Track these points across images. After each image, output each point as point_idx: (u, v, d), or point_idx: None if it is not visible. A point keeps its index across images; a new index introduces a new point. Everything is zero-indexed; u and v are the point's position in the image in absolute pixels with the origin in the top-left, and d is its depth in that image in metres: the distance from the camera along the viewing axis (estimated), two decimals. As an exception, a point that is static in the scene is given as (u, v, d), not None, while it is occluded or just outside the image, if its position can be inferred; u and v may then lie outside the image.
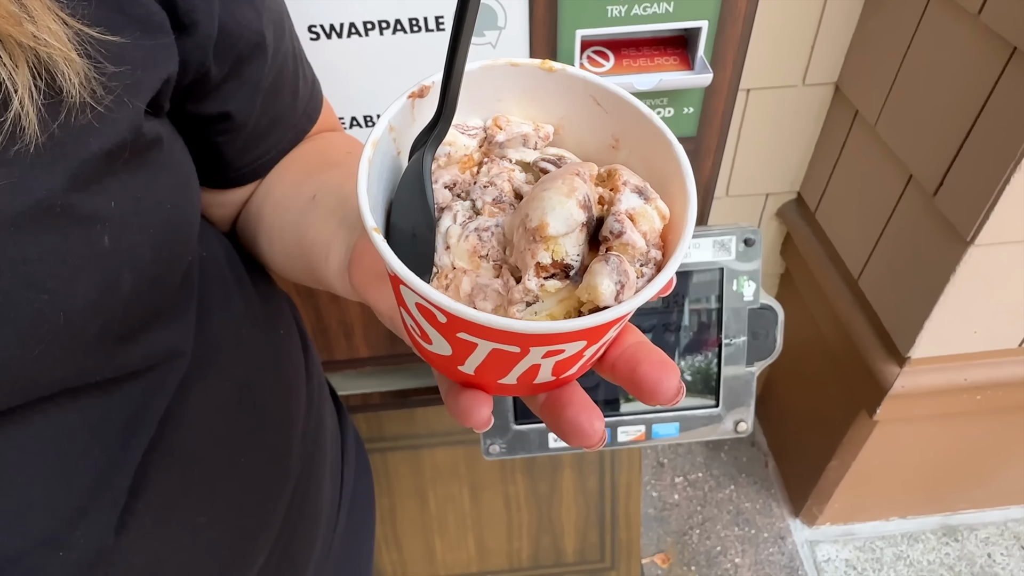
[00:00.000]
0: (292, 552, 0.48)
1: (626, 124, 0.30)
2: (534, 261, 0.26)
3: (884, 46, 0.98)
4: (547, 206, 0.26)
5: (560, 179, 0.26)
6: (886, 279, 1.06)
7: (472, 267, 0.28)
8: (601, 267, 0.25)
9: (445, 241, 0.28)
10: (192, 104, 0.37)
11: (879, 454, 1.23)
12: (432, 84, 0.29)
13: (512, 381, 0.29)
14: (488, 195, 0.29)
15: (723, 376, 0.77)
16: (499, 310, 0.27)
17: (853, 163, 1.11)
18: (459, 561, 1.27)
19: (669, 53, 0.65)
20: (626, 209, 0.27)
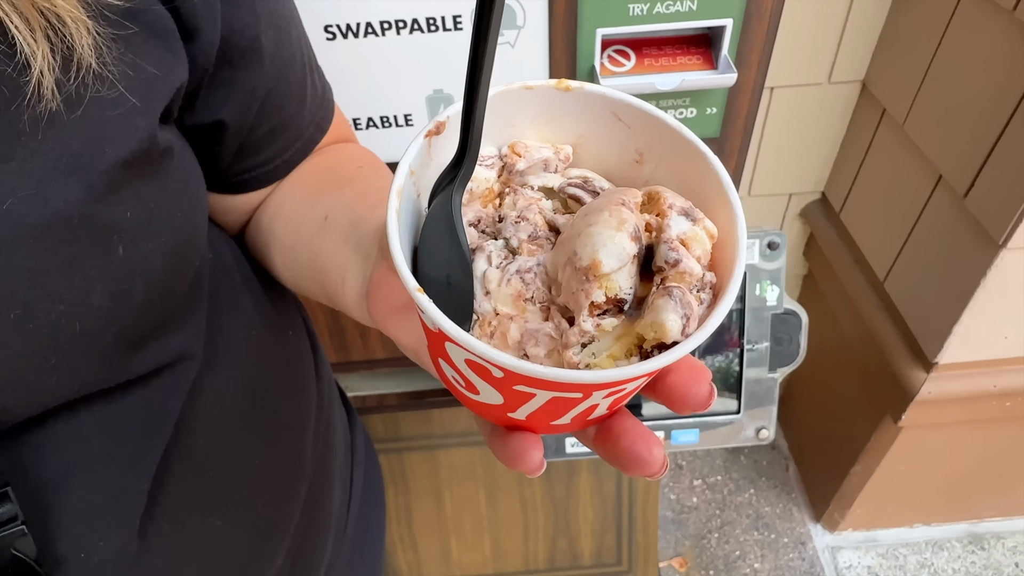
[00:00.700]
0: (305, 554, 0.48)
1: (651, 138, 0.29)
2: (588, 301, 0.25)
3: (914, 43, 0.96)
4: (597, 242, 0.24)
5: (606, 211, 0.25)
6: (914, 282, 1.04)
7: (518, 311, 0.27)
8: (665, 302, 0.24)
9: (483, 286, 0.27)
10: (185, 110, 0.36)
11: (904, 460, 1.20)
12: (447, 119, 0.28)
13: (566, 422, 0.28)
14: (522, 232, 0.28)
15: (745, 382, 0.75)
16: (553, 354, 0.26)
17: (880, 163, 1.08)
18: (475, 562, 1.26)
19: (692, 52, 0.63)
20: (677, 235, 0.25)
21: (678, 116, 0.66)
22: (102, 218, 0.28)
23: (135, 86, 0.29)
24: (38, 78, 0.26)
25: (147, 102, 0.30)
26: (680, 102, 0.65)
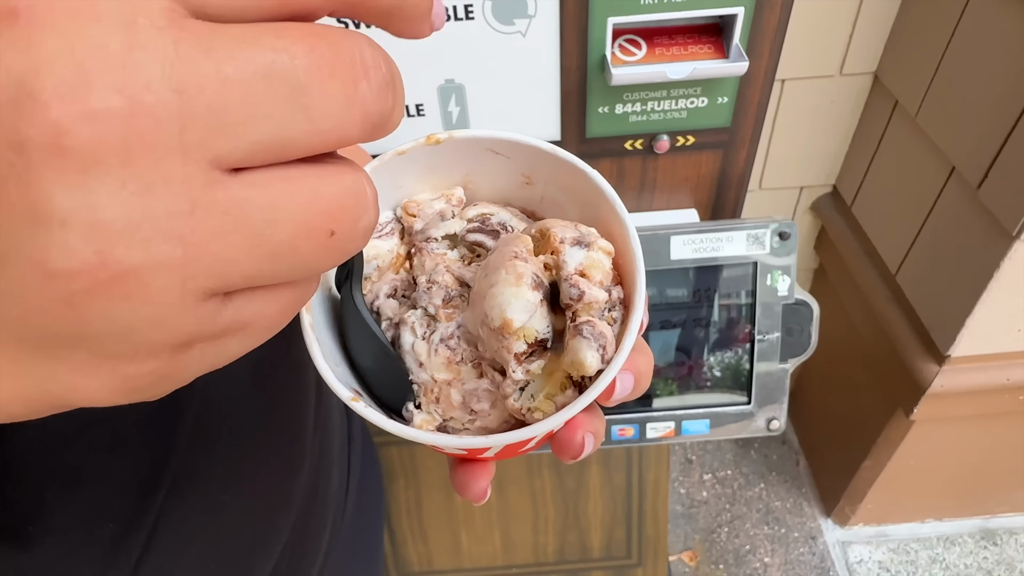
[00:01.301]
0: (305, 539, 0.49)
1: (532, 162, 0.30)
2: (511, 354, 0.26)
3: (927, 34, 0.95)
4: (503, 302, 0.26)
5: (502, 268, 0.26)
6: (926, 275, 1.03)
7: (453, 375, 0.28)
8: (578, 342, 0.26)
9: (416, 359, 0.28)
10: None
11: (915, 454, 1.20)
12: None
13: (531, 446, 0.30)
14: (436, 297, 0.29)
15: (755, 373, 0.75)
16: (497, 403, 0.28)
17: (892, 155, 1.08)
18: (485, 554, 1.27)
19: (703, 41, 0.63)
20: (575, 268, 0.27)
21: (689, 106, 0.66)
22: None
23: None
24: None
25: None
26: (691, 91, 0.65)
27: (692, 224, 0.71)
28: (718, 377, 0.76)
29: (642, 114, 0.66)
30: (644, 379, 0.29)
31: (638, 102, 0.66)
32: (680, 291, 0.73)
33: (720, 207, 0.76)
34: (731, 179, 0.72)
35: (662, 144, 0.68)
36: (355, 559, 0.58)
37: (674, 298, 0.73)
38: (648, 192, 0.73)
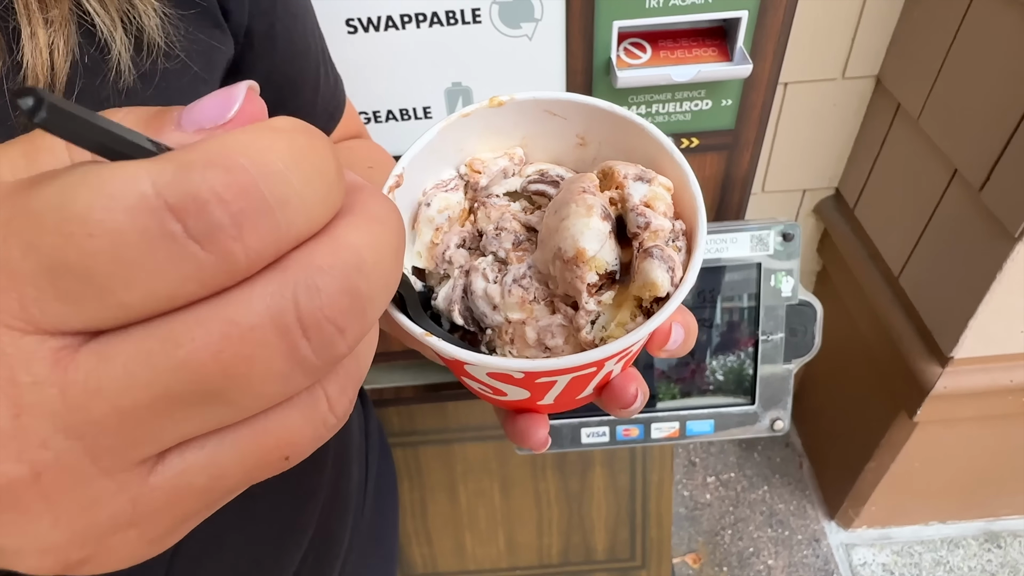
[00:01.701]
0: (329, 531, 0.50)
1: (588, 122, 0.31)
2: (584, 284, 0.27)
3: (929, 37, 0.96)
4: (575, 233, 0.26)
5: (572, 203, 0.27)
6: (929, 276, 1.04)
7: (527, 315, 0.29)
8: (649, 263, 0.26)
9: (490, 302, 0.29)
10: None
11: (919, 456, 1.20)
12: (403, 172, 0.31)
13: (589, 392, 0.31)
14: (506, 242, 0.30)
15: (759, 373, 0.76)
16: (570, 339, 0.28)
17: (895, 158, 1.08)
18: (489, 556, 1.27)
19: (707, 44, 0.64)
20: (640, 199, 0.28)
21: (693, 108, 0.67)
22: None
23: (197, 58, 0.32)
24: (117, 57, 0.29)
25: (208, 71, 0.33)
26: (695, 94, 0.66)
27: (696, 225, 0.72)
28: (722, 378, 0.77)
29: (647, 116, 0.67)
30: (692, 336, 0.30)
31: (643, 104, 0.66)
32: (685, 292, 0.73)
33: (724, 209, 0.76)
34: (735, 181, 0.73)
35: (667, 146, 0.69)
36: (374, 554, 0.59)
37: (679, 299, 0.74)
38: (653, 194, 0.74)
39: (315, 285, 0.15)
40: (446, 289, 0.30)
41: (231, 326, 0.14)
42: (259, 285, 0.14)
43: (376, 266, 0.16)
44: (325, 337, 0.15)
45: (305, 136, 0.15)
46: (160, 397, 0.14)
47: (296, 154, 0.15)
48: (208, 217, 0.13)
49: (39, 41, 0.28)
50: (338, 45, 0.60)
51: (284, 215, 0.14)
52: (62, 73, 0.28)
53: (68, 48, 0.28)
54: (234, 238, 0.13)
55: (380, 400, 1.03)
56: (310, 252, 0.15)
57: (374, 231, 0.16)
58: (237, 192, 0.13)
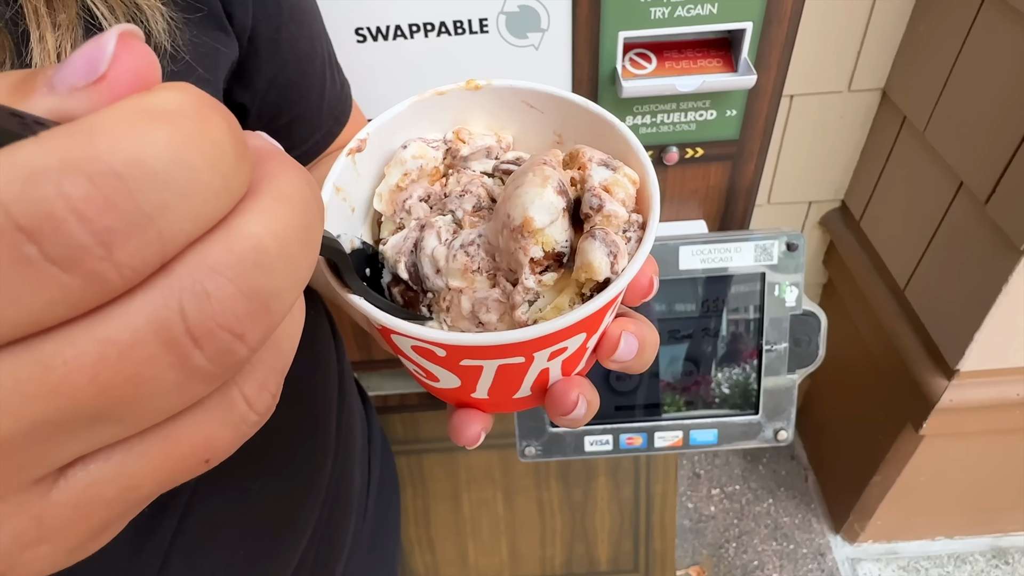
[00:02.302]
0: (329, 535, 0.50)
1: (564, 118, 0.31)
2: (527, 258, 0.26)
3: (934, 50, 0.96)
4: (526, 200, 0.25)
5: (530, 171, 0.26)
6: (934, 289, 1.03)
7: (467, 284, 0.28)
8: (590, 243, 0.25)
9: (434, 264, 0.28)
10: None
11: (925, 470, 1.19)
12: (367, 136, 0.30)
13: (527, 393, 0.30)
14: (467, 203, 0.29)
15: (763, 384, 0.76)
16: (504, 317, 0.27)
17: (900, 170, 1.08)
18: (492, 565, 1.26)
19: (712, 55, 0.64)
20: (599, 182, 0.27)
21: (698, 119, 0.68)
22: None
23: (202, 61, 0.33)
24: None
25: (212, 72, 0.34)
26: (700, 104, 0.66)
27: (701, 235, 0.72)
28: (726, 388, 0.77)
29: (652, 126, 0.68)
30: (648, 351, 0.29)
31: (648, 114, 0.67)
32: (688, 302, 0.74)
33: (729, 219, 0.77)
34: (739, 191, 0.73)
35: (671, 156, 0.69)
36: (376, 560, 0.59)
37: (682, 309, 0.74)
38: (657, 203, 0.75)
39: (204, 291, 0.13)
40: (397, 239, 0.30)
41: (107, 345, 0.13)
42: (139, 297, 0.13)
43: (281, 256, 0.14)
44: (221, 345, 0.14)
45: (193, 117, 0.13)
46: (39, 423, 0.13)
47: (181, 145, 0.13)
48: (67, 239, 0.11)
49: (47, 44, 0.28)
50: (347, 53, 0.61)
51: (165, 223, 0.12)
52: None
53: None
54: (101, 258, 0.12)
55: (384, 407, 1.03)
56: (200, 251, 0.13)
57: (280, 215, 0.14)
58: (102, 206, 0.12)
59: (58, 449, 0.13)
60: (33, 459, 0.13)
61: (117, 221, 0.12)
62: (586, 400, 0.29)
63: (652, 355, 0.30)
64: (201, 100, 0.13)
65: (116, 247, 0.12)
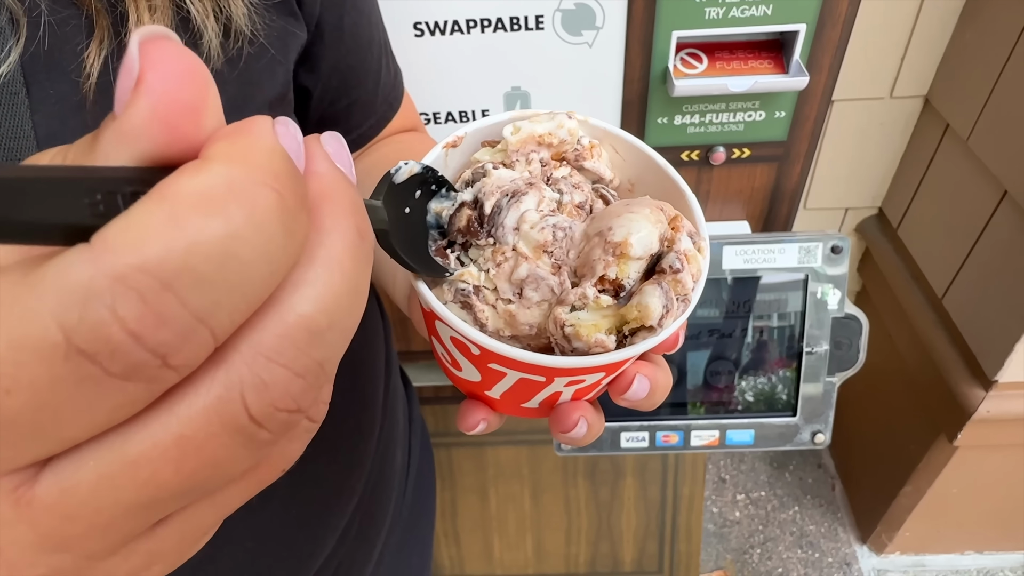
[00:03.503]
0: (372, 510, 0.51)
1: (640, 171, 0.32)
2: (602, 272, 0.27)
3: (981, 58, 0.96)
4: (635, 227, 0.27)
5: (649, 208, 0.28)
6: (974, 299, 1.03)
7: (534, 257, 0.29)
8: (654, 289, 0.27)
9: (519, 222, 0.29)
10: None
11: (957, 482, 1.18)
12: (464, 135, 0.31)
13: (534, 405, 0.31)
14: (577, 196, 0.30)
15: (802, 386, 0.76)
16: (543, 305, 0.29)
17: (941, 178, 1.08)
18: (516, 561, 1.27)
19: (763, 56, 0.65)
20: (684, 250, 0.28)
21: (747, 119, 0.68)
22: None
23: (276, 43, 0.35)
24: (208, 43, 0.31)
25: (284, 54, 0.36)
26: (750, 104, 0.67)
27: (744, 235, 0.72)
28: (765, 388, 0.77)
29: (700, 126, 0.68)
30: (658, 393, 0.31)
31: (697, 114, 0.67)
32: (729, 301, 0.74)
33: (772, 220, 0.77)
34: (784, 192, 0.74)
35: (718, 156, 0.70)
36: (412, 543, 0.60)
37: (723, 309, 0.74)
38: (702, 203, 0.75)
39: (261, 382, 0.14)
40: (501, 173, 0.30)
41: (183, 440, 0.14)
42: (202, 389, 0.14)
43: (333, 327, 0.15)
44: (283, 421, 0.15)
45: (242, 200, 0.13)
46: (132, 507, 0.14)
47: (231, 240, 0.13)
48: (125, 358, 0.12)
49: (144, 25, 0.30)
50: (405, 47, 0.63)
51: (217, 321, 0.13)
52: None
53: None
54: (159, 367, 0.13)
55: (420, 398, 1.05)
56: (254, 338, 0.14)
57: (332, 285, 0.15)
58: (155, 324, 0.12)
59: (152, 517, 0.15)
60: (132, 528, 0.14)
61: (171, 335, 0.12)
62: (587, 422, 0.31)
63: (662, 397, 0.31)
64: (250, 169, 0.13)
65: (171, 356, 0.13)
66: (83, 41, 0.30)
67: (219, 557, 0.39)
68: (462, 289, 0.29)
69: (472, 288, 0.29)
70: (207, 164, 0.13)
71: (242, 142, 0.14)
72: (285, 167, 0.14)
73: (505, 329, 0.29)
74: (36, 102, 0.29)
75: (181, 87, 0.13)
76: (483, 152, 0.32)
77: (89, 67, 0.30)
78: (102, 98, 0.30)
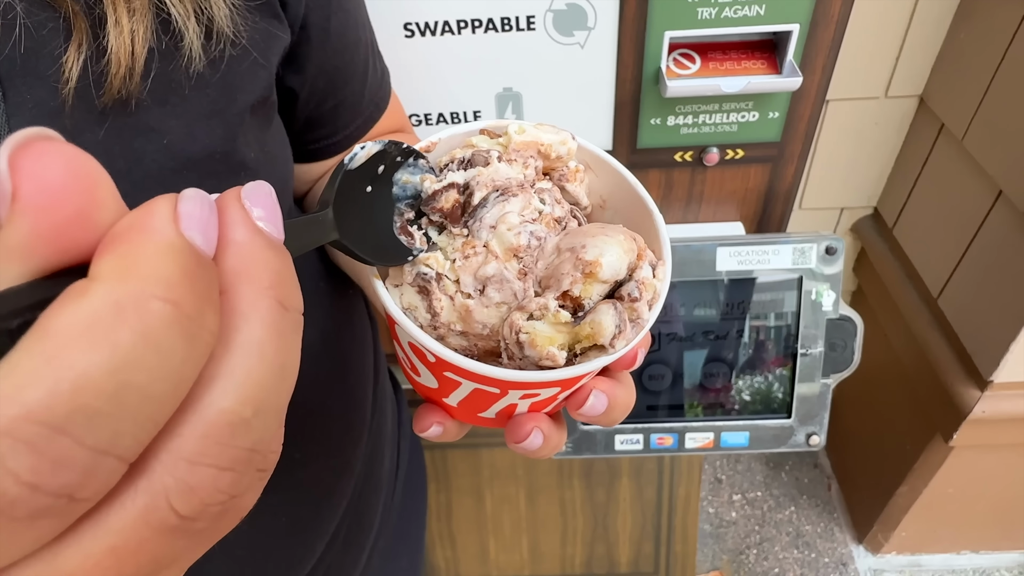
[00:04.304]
0: (361, 510, 0.51)
1: (612, 188, 0.32)
2: (567, 288, 0.27)
3: (976, 57, 0.95)
4: (607, 250, 0.27)
5: (623, 234, 0.28)
6: (969, 298, 1.02)
7: (504, 258, 0.29)
8: (608, 308, 0.27)
9: (497, 221, 0.29)
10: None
11: (953, 482, 1.18)
12: (438, 141, 0.31)
13: (491, 415, 0.32)
14: (558, 210, 0.30)
15: (797, 388, 0.75)
16: (502, 307, 0.29)
17: (936, 178, 1.07)
18: (512, 563, 1.27)
19: (756, 56, 0.64)
20: (643, 277, 0.29)
21: (740, 120, 0.68)
22: (236, 155, 0.33)
23: (258, 45, 0.34)
24: (189, 45, 0.31)
25: (266, 57, 0.35)
26: (743, 105, 0.66)
27: (738, 236, 0.72)
28: (759, 391, 0.77)
29: (693, 126, 0.68)
30: (618, 410, 0.31)
31: (690, 115, 0.67)
32: (723, 303, 0.74)
33: (766, 221, 0.77)
34: (778, 193, 0.73)
35: (711, 156, 0.70)
36: (401, 546, 0.60)
37: (716, 311, 0.74)
38: (695, 204, 0.75)
39: (187, 486, 0.13)
40: (499, 168, 0.30)
41: (117, 550, 0.13)
42: (128, 501, 0.13)
43: (259, 413, 0.14)
44: (217, 511, 0.14)
45: (131, 322, 0.12)
46: None
47: (122, 368, 0.12)
48: (27, 508, 0.11)
49: (123, 28, 0.30)
50: (395, 48, 0.62)
51: (124, 447, 0.12)
52: (141, 58, 0.30)
53: (147, 35, 0.30)
54: (67, 503, 0.12)
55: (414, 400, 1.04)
56: (174, 444, 0.13)
57: (252, 373, 0.14)
58: (51, 471, 0.11)
59: None
60: None
61: (72, 475, 0.12)
62: (542, 433, 0.30)
63: (622, 414, 0.31)
64: (138, 283, 0.12)
65: (78, 492, 0.12)
66: (61, 45, 0.29)
67: (208, 567, 0.38)
68: (424, 274, 0.29)
69: (435, 275, 0.29)
70: (91, 287, 0.12)
71: (130, 251, 0.13)
72: (181, 268, 0.13)
73: (457, 323, 0.29)
74: (12, 107, 0.28)
75: (64, 195, 0.12)
76: (482, 139, 0.31)
77: (68, 71, 0.29)
78: (81, 103, 0.29)
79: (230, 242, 0.15)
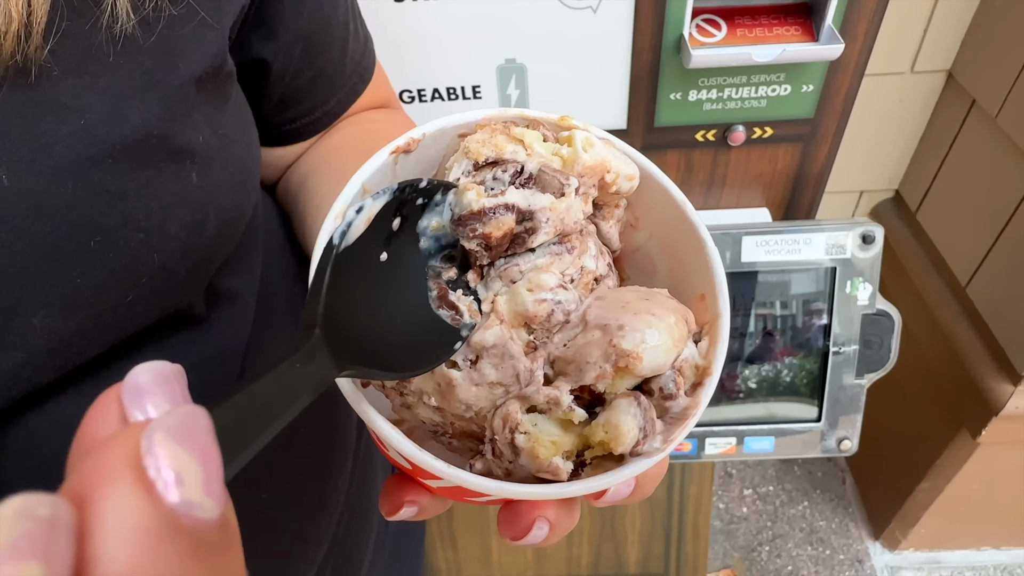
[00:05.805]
0: (349, 547, 0.46)
1: (651, 206, 0.25)
2: (589, 381, 0.21)
3: (1011, 28, 0.88)
4: (651, 341, 0.21)
5: (674, 313, 0.22)
6: (1001, 288, 0.96)
7: (512, 324, 0.22)
8: (630, 406, 0.21)
9: (519, 273, 0.22)
10: (232, 46, 0.34)
11: (978, 478, 1.12)
12: (422, 137, 0.24)
13: (481, 501, 0.25)
14: (601, 266, 0.24)
15: (828, 388, 0.69)
16: (498, 388, 0.22)
17: (966, 158, 1.01)
18: (515, 564, 1.22)
19: (789, 22, 0.58)
20: (682, 362, 0.22)
21: (770, 94, 0.61)
22: (178, 139, 0.27)
23: (205, 4, 0.28)
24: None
25: (217, 17, 0.29)
26: (774, 78, 0.60)
27: (765, 224, 0.65)
28: (787, 392, 0.71)
29: (717, 102, 0.61)
30: (648, 485, 0.24)
31: (714, 88, 0.60)
32: (750, 296, 0.67)
33: (794, 207, 0.70)
34: (809, 176, 0.67)
35: (737, 135, 0.63)
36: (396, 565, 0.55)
37: (743, 304, 0.68)
38: (717, 188, 0.68)
39: None
40: (573, 204, 0.22)
41: None
42: None
43: None
44: None
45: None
46: None
47: None
48: None
49: None
50: (384, 15, 0.55)
51: None
52: (41, 12, 0.23)
53: None
54: None
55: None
56: None
57: None
58: None
59: None
60: None
61: None
62: (548, 523, 0.24)
63: (651, 489, 0.25)
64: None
65: None
66: None
67: None
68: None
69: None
70: None
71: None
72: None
73: (432, 396, 0.22)
74: None
75: None
76: (532, 136, 0.23)
77: None
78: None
79: (89, 560, 0.12)
